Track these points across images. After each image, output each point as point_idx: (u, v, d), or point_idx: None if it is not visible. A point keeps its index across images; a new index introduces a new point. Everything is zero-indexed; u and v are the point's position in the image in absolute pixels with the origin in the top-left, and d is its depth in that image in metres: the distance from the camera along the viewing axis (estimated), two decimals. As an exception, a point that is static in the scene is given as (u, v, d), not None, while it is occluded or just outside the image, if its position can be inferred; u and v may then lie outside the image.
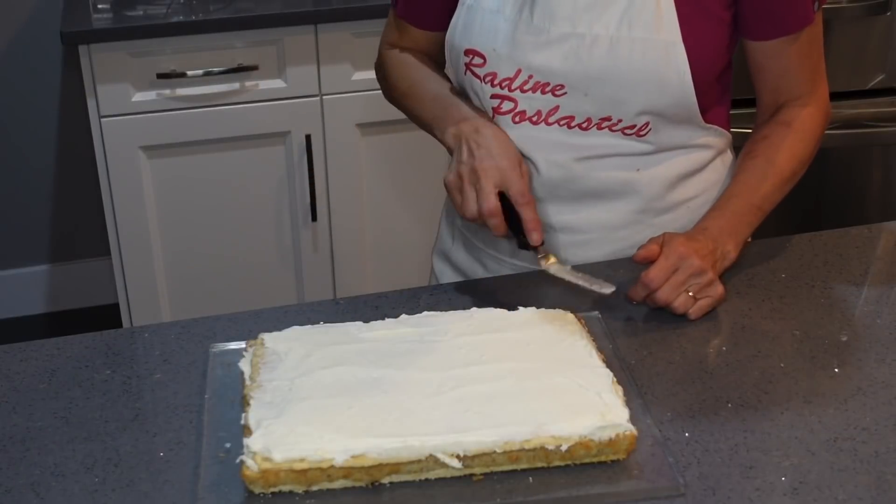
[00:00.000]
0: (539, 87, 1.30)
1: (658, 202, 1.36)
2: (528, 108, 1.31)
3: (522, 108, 1.31)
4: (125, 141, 2.52)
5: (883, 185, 2.80)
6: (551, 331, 1.13)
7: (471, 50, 1.33)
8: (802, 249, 1.38)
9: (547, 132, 1.31)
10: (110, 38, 2.44)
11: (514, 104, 1.32)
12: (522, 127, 1.32)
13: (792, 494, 0.95)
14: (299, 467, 0.93)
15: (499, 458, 0.96)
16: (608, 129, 1.31)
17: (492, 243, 1.42)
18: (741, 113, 2.58)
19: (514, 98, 1.31)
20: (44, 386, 1.12)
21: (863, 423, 1.04)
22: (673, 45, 1.26)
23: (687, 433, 1.03)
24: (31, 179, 3.09)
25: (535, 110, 1.31)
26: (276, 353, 1.08)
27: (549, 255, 1.27)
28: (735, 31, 1.32)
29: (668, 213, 1.36)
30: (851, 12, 2.54)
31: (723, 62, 1.33)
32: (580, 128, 1.31)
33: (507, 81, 1.31)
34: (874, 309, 1.26)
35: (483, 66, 1.32)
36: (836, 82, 2.64)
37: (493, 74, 1.32)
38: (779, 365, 1.14)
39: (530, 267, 1.35)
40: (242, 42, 2.50)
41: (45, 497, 0.96)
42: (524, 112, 1.32)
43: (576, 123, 1.31)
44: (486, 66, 1.32)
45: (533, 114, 1.31)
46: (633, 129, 1.31)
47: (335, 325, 1.15)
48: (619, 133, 1.31)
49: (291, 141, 2.61)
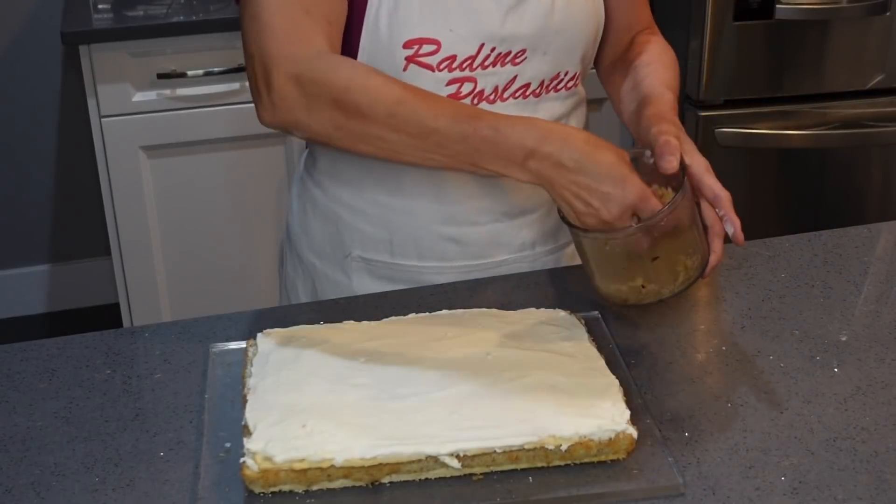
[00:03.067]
0: (500, 58, 1.24)
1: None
2: (486, 87, 1.26)
3: (481, 87, 1.25)
4: (125, 141, 2.52)
5: (882, 185, 2.81)
6: (551, 331, 1.13)
7: (414, 40, 1.21)
8: (802, 249, 1.38)
9: (502, 107, 1.26)
10: (111, 38, 2.44)
11: (474, 84, 1.24)
12: (479, 107, 1.24)
13: (791, 494, 0.95)
14: (299, 467, 0.93)
15: (499, 458, 0.96)
16: (553, 89, 1.31)
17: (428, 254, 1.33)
18: (743, 113, 2.60)
19: (474, 77, 1.24)
20: (44, 386, 1.12)
21: (862, 422, 1.04)
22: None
23: (687, 433, 1.03)
24: (31, 179, 3.09)
25: (493, 87, 1.26)
26: (275, 353, 1.08)
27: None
28: None
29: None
30: (851, 12, 2.54)
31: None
32: (534, 95, 1.29)
33: (468, 61, 1.23)
34: (874, 309, 1.26)
35: (437, 52, 1.21)
36: (836, 82, 2.66)
37: (452, 58, 1.22)
38: (779, 365, 1.14)
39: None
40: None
41: (45, 496, 0.96)
42: (482, 91, 1.26)
43: (530, 91, 1.28)
44: (440, 52, 1.21)
45: (490, 91, 1.26)
46: (574, 78, 1.32)
47: (335, 324, 1.15)
48: (561, 92, 1.31)
49: (291, 141, 2.61)
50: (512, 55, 1.25)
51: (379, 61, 1.22)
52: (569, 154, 1.12)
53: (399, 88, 1.15)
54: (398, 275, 1.35)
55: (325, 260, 1.38)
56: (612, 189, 1.10)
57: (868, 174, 2.79)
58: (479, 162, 1.15)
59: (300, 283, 1.43)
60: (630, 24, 1.40)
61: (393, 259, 1.34)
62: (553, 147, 1.12)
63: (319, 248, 1.39)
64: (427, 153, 1.17)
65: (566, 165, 1.12)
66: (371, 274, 1.35)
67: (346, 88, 1.15)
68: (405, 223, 1.32)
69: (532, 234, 1.36)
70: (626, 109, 1.31)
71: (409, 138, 1.16)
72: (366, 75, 1.16)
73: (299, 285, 1.44)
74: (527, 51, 1.26)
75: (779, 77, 2.61)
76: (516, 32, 1.24)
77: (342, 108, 1.15)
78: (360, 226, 1.34)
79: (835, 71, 2.63)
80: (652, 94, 1.26)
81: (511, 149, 1.13)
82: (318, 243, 1.39)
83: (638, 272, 1.13)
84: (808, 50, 2.58)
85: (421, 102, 1.15)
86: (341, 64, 1.17)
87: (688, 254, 1.13)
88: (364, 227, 1.34)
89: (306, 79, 1.16)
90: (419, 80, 1.21)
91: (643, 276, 1.14)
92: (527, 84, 1.28)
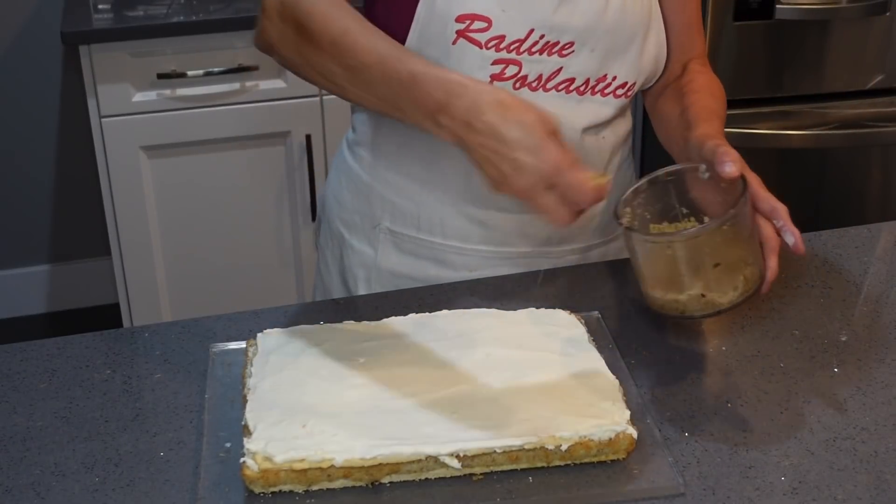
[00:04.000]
0: (548, 47, 1.25)
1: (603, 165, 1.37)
2: (530, 73, 1.26)
3: (525, 72, 1.26)
4: (125, 141, 2.52)
5: (882, 186, 2.81)
6: (551, 331, 1.13)
7: (467, 15, 1.21)
8: (802, 249, 1.38)
9: (544, 98, 1.27)
10: (111, 39, 2.44)
11: (519, 68, 1.25)
12: (521, 93, 1.26)
13: (791, 494, 0.95)
14: (299, 467, 0.93)
15: (499, 458, 0.96)
16: (600, 92, 1.30)
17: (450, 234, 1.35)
18: (743, 113, 2.59)
19: (520, 62, 1.25)
20: (44, 386, 1.12)
21: (862, 422, 1.04)
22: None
23: (687, 433, 1.03)
24: (31, 179, 3.09)
25: (537, 74, 1.26)
26: (275, 353, 1.08)
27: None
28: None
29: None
30: (851, 12, 2.54)
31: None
32: (577, 92, 1.29)
33: (515, 44, 1.23)
34: (874, 309, 1.26)
35: (487, 30, 1.22)
36: (836, 82, 2.66)
37: (501, 38, 1.22)
38: (778, 365, 1.14)
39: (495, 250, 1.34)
40: (242, 42, 2.49)
41: (45, 496, 0.96)
42: (525, 77, 1.26)
43: (574, 87, 1.28)
44: (490, 30, 1.22)
45: (534, 79, 1.26)
46: (625, 87, 1.31)
47: (334, 324, 1.15)
48: (609, 98, 1.31)
49: (291, 141, 2.61)
50: (560, 46, 1.25)
51: (431, 31, 1.24)
52: (478, 114, 1.05)
53: (350, 19, 1.13)
54: (422, 251, 1.36)
55: (353, 230, 1.41)
56: (525, 157, 1.04)
57: (868, 174, 2.79)
58: (402, 108, 1.11)
59: (329, 252, 1.47)
60: (683, 45, 1.38)
61: (419, 234, 1.36)
62: (463, 103, 1.06)
63: (349, 218, 1.42)
64: (360, 91, 1.15)
65: (475, 127, 1.05)
66: (396, 247, 1.37)
67: (307, 13, 1.15)
68: (435, 199, 1.34)
69: (558, 231, 1.36)
70: (672, 133, 1.30)
71: (344, 72, 1.14)
72: (328, 2, 1.15)
73: (328, 255, 1.47)
74: (575, 44, 1.25)
75: (779, 77, 2.61)
76: (567, 23, 1.24)
77: (302, 34, 1.15)
78: (391, 197, 1.36)
79: (835, 71, 2.63)
80: (700, 118, 1.25)
81: (423, 98, 1.08)
82: (349, 213, 1.41)
83: (698, 280, 1.08)
84: (808, 50, 2.58)
85: (361, 37, 1.12)
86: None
87: (747, 263, 1.09)
88: (395, 199, 1.36)
89: (287, 2, 1.17)
90: (466, 55, 1.23)
91: (703, 285, 1.08)
92: (571, 79, 1.28)
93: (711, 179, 1.12)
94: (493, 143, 1.05)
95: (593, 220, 1.38)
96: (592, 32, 1.26)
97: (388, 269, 1.38)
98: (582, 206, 1.05)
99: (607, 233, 1.41)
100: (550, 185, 1.04)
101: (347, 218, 1.42)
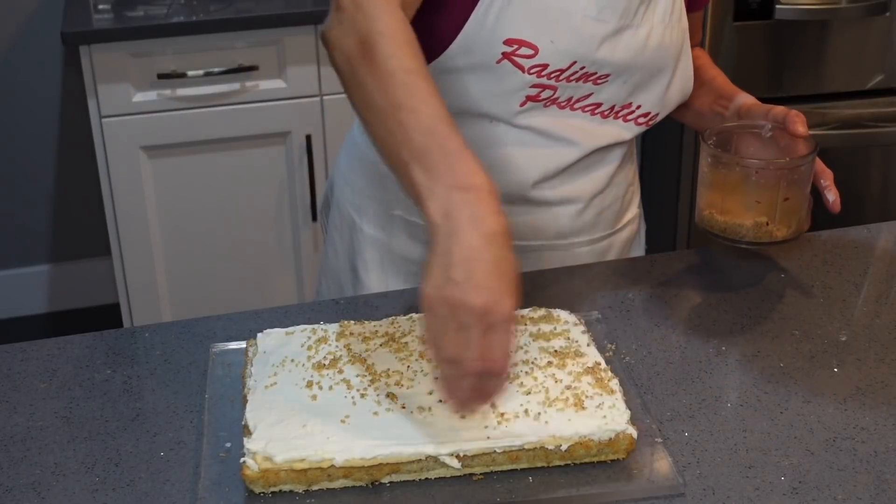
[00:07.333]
0: (585, 76, 1.29)
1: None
2: (562, 95, 1.30)
3: (558, 95, 1.30)
4: (126, 141, 2.52)
5: (882, 186, 2.81)
6: (551, 331, 1.13)
7: (516, 40, 1.25)
8: (802, 249, 1.38)
9: (570, 116, 1.32)
10: (111, 39, 2.44)
11: (554, 91, 1.30)
12: (549, 110, 1.31)
13: (791, 494, 0.95)
14: (299, 467, 0.94)
15: (499, 458, 0.96)
16: (623, 118, 1.35)
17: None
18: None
19: (556, 87, 1.29)
20: (44, 385, 1.12)
21: (862, 422, 1.04)
22: (685, 32, 1.36)
23: (687, 433, 1.03)
24: (31, 179, 3.09)
25: (568, 97, 1.31)
26: (275, 353, 1.08)
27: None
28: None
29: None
30: (850, 13, 2.54)
31: None
32: (602, 115, 1.34)
33: (556, 73, 1.27)
34: (873, 309, 1.26)
35: (532, 57, 1.25)
36: (836, 82, 2.66)
37: (544, 66, 1.26)
38: (778, 365, 1.14)
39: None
40: (242, 42, 2.50)
41: (45, 496, 0.96)
42: (557, 98, 1.31)
43: (599, 110, 1.33)
44: (535, 58, 1.25)
45: (565, 99, 1.31)
46: (647, 117, 1.36)
47: (335, 324, 1.15)
48: (630, 123, 1.36)
49: (291, 141, 2.61)
50: (596, 76, 1.30)
51: (476, 48, 1.25)
52: (449, 264, 0.92)
53: (419, 62, 1.07)
54: None
55: (365, 215, 1.43)
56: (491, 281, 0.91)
57: (868, 174, 2.79)
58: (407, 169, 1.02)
59: (338, 236, 1.47)
60: (693, 33, 1.43)
61: None
62: (444, 241, 0.94)
63: (362, 203, 1.43)
64: (388, 129, 1.05)
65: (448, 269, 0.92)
66: (411, 236, 1.39)
67: (380, 32, 1.08)
68: None
69: (570, 225, 1.39)
70: (696, 103, 1.42)
71: (387, 105, 1.05)
72: (406, 35, 1.09)
73: (337, 239, 1.48)
74: (611, 76, 1.30)
75: (778, 77, 2.61)
76: (608, 59, 1.28)
77: (363, 45, 1.08)
78: None
79: (834, 71, 2.63)
80: (733, 89, 1.40)
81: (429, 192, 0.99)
82: (362, 199, 1.43)
83: (767, 209, 1.23)
84: (807, 50, 2.58)
85: (422, 82, 1.05)
86: (395, 12, 1.10)
87: (803, 207, 1.25)
88: None
89: (362, 6, 1.10)
90: (508, 76, 1.26)
91: (768, 215, 1.23)
92: (599, 104, 1.33)
93: (771, 138, 1.28)
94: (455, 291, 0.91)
95: (602, 212, 1.41)
96: (628, 67, 1.31)
97: (400, 255, 1.41)
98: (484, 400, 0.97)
99: (613, 224, 1.44)
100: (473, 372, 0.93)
101: (360, 202, 1.43)
